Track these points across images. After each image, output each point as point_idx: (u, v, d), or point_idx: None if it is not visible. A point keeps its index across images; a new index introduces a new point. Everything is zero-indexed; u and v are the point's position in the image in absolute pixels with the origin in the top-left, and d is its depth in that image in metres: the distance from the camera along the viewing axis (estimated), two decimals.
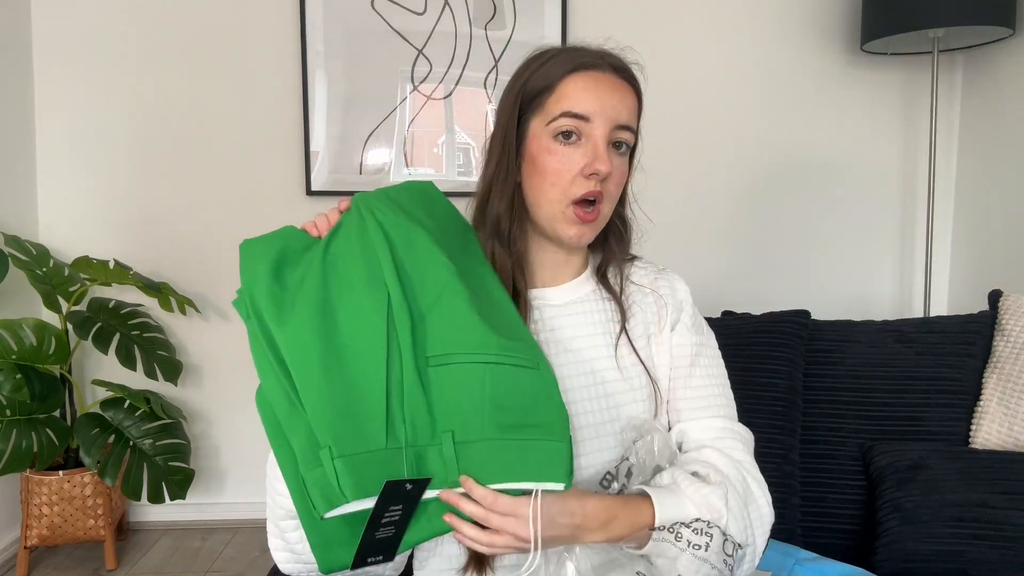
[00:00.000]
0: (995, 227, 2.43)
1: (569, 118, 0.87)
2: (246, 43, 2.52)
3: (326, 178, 2.55)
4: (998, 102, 2.42)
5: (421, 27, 2.51)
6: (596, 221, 0.91)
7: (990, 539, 1.28)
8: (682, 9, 2.57)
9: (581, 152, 0.88)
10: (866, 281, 2.69)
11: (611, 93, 0.88)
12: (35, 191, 2.52)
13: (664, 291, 0.99)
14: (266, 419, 0.76)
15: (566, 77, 0.88)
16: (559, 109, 0.88)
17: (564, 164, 0.88)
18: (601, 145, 0.87)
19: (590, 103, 0.87)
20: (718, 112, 2.60)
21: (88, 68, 2.50)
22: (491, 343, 0.76)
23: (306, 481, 0.71)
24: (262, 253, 0.81)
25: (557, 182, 0.89)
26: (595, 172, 0.87)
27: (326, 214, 0.87)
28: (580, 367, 0.93)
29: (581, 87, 0.88)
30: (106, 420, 2.25)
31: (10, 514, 2.38)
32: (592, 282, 0.99)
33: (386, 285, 0.78)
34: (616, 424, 0.92)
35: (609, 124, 0.88)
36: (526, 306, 0.93)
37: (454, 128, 2.58)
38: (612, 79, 0.89)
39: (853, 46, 2.57)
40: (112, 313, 2.37)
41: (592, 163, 0.87)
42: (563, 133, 0.88)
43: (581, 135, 0.88)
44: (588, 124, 0.87)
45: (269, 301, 0.77)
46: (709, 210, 2.62)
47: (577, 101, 0.87)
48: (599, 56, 0.90)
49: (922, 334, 1.54)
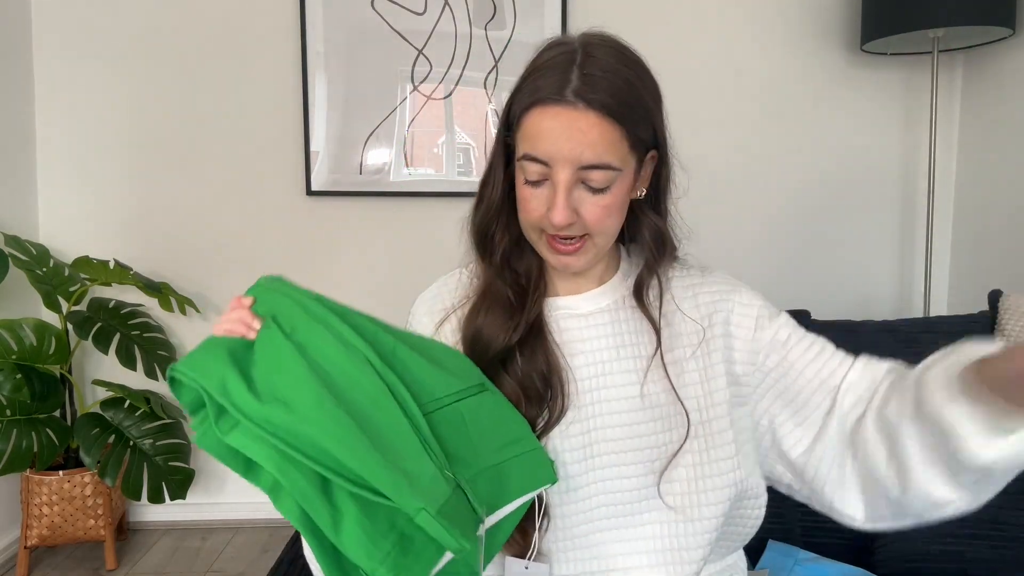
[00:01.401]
0: (995, 227, 2.43)
1: (530, 161, 0.82)
2: (246, 43, 2.52)
3: (326, 178, 2.55)
4: (998, 102, 2.42)
5: (421, 27, 2.51)
6: (583, 249, 0.85)
7: (990, 539, 1.28)
8: (681, 9, 2.57)
9: (546, 195, 0.82)
10: (866, 281, 2.69)
11: (570, 132, 0.79)
12: (35, 191, 2.52)
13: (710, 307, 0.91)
14: (302, 520, 0.71)
15: (526, 113, 0.82)
16: (522, 150, 0.83)
17: (532, 204, 0.84)
18: (560, 194, 0.80)
19: (547, 146, 0.80)
20: (717, 112, 2.60)
21: (88, 68, 2.50)
22: (452, 381, 0.78)
23: (422, 554, 0.69)
24: (210, 365, 0.72)
25: (527, 216, 0.85)
26: (553, 223, 0.81)
27: (236, 315, 0.78)
28: (601, 392, 0.88)
29: (540, 127, 0.80)
30: (106, 420, 2.25)
31: (10, 514, 2.38)
32: (621, 289, 0.93)
33: (360, 351, 0.76)
34: (636, 454, 0.86)
35: (571, 167, 0.80)
36: (542, 316, 0.89)
37: (454, 128, 2.58)
38: (573, 113, 0.79)
39: (853, 46, 2.57)
40: (112, 313, 2.37)
41: (547, 213, 0.82)
42: (530, 181, 0.83)
43: (547, 177, 0.82)
44: (549, 168, 0.81)
45: (261, 403, 0.69)
46: (707, 210, 2.61)
47: (535, 144, 0.81)
48: (563, 78, 0.80)
49: (922, 334, 1.54)
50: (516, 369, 0.87)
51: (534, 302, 0.89)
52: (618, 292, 0.92)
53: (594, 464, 0.86)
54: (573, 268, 0.87)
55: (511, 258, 0.91)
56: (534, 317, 0.89)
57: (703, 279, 0.94)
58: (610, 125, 0.80)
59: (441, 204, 2.57)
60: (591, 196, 0.82)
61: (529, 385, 0.86)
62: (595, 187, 0.81)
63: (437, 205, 2.58)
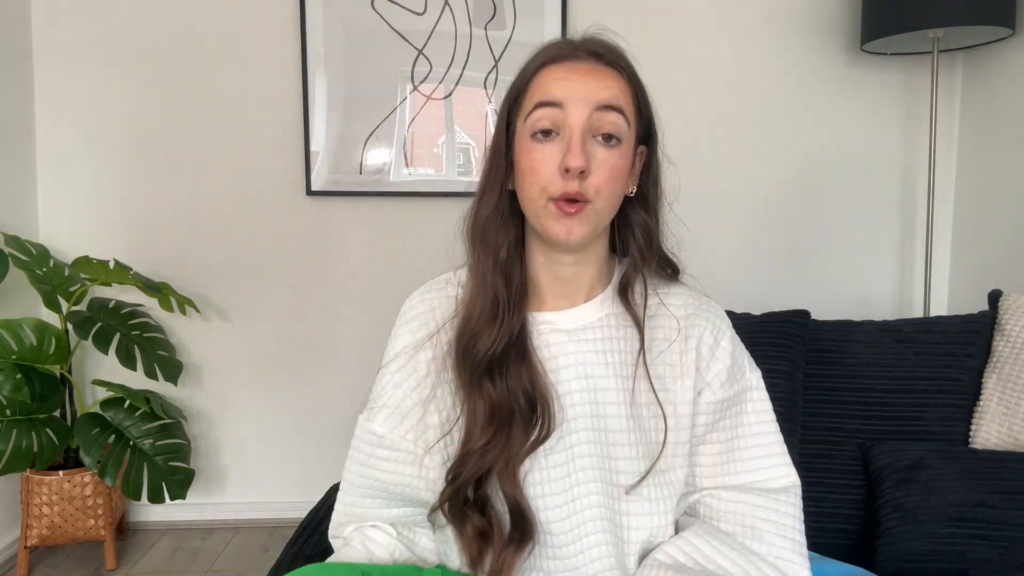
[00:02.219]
0: (995, 227, 2.43)
1: (542, 108, 0.81)
2: (246, 43, 2.52)
3: (326, 178, 2.55)
4: (998, 102, 2.42)
5: (421, 27, 2.51)
6: (584, 214, 0.82)
7: (990, 539, 1.28)
8: (681, 10, 2.57)
9: (557, 147, 0.81)
10: (866, 281, 2.69)
11: (587, 77, 0.81)
12: (35, 191, 2.52)
13: (697, 335, 0.90)
14: None
15: (540, 71, 0.83)
16: (532, 102, 0.82)
17: (539, 162, 0.82)
18: (576, 135, 0.80)
19: (562, 89, 0.81)
20: (717, 112, 2.60)
21: (88, 68, 2.50)
22: None
23: None
24: None
25: (535, 180, 0.82)
26: (568, 168, 0.79)
27: None
28: (586, 408, 0.87)
29: (554, 77, 0.82)
30: (106, 420, 2.25)
31: (10, 514, 2.38)
32: (612, 303, 0.91)
33: None
34: (624, 463, 0.87)
35: (587, 108, 0.80)
36: (527, 333, 0.88)
37: (454, 128, 2.58)
38: (588, 65, 0.82)
39: (853, 46, 2.57)
40: (112, 313, 2.37)
41: (564, 158, 0.79)
42: (541, 131, 0.81)
43: (558, 128, 0.81)
44: (563, 111, 0.80)
45: None
46: (707, 210, 2.62)
47: (549, 89, 0.81)
48: (575, 45, 0.84)
49: (922, 334, 1.54)
50: (501, 384, 0.85)
51: (515, 314, 0.87)
52: (607, 307, 0.91)
53: (577, 479, 0.86)
54: (574, 236, 0.83)
55: (507, 262, 0.89)
56: (517, 328, 0.87)
57: (698, 302, 0.93)
58: (624, 81, 0.83)
59: (441, 204, 2.57)
60: (603, 150, 0.81)
61: (513, 403, 0.85)
62: (610, 132, 0.81)
63: (437, 205, 2.58)
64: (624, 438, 0.87)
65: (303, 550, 1.15)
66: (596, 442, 0.87)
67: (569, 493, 0.86)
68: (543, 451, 0.86)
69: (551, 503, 0.86)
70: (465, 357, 0.86)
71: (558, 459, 0.87)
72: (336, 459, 3.01)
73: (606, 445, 0.87)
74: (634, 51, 0.93)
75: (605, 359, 0.88)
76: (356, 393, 0.99)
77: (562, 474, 0.86)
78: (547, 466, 0.86)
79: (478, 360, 0.85)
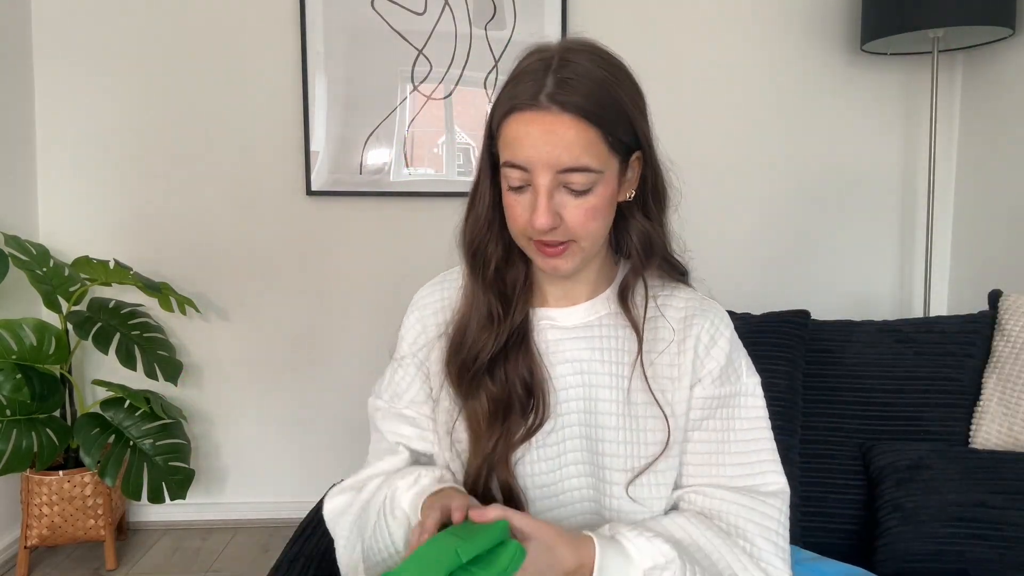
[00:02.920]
0: (995, 227, 2.43)
1: (511, 168, 0.82)
2: (246, 43, 2.52)
3: (326, 178, 2.55)
4: (998, 102, 2.42)
5: (421, 27, 2.51)
6: (569, 252, 0.84)
7: (990, 539, 1.28)
8: (681, 9, 2.57)
9: (529, 201, 0.82)
10: (866, 281, 2.69)
11: (547, 136, 0.78)
12: (35, 191, 2.52)
13: (695, 335, 0.90)
14: None
15: (505, 121, 0.82)
16: (504, 157, 0.83)
17: (516, 211, 0.83)
18: (542, 197, 0.80)
19: (526, 152, 0.80)
20: (717, 112, 2.60)
21: (88, 68, 2.50)
22: None
23: None
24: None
25: (515, 223, 0.85)
26: (534, 227, 0.81)
27: None
28: (580, 403, 0.89)
29: (517, 133, 0.80)
30: (106, 420, 2.25)
31: (10, 514, 2.38)
32: (612, 303, 0.92)
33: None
34: (614, 460, 0.87)
35: (550, 171, 0.80)
36: (529, 326, 0.89)
37: (454, 128, 2.58)
38: (548, 117, 0.78)
39: (853, 46, 2.57)
40: (112, 313, 2.37)
41: (530, 218, 0.81)
42: (513, 187, 0.83)
43: (528, 183, 0.82)
44: (530, 174, 0.81)
45: None
46: (707, 210, 2.61)
47: (515, 151, 0.81)
48: (538, 84, 0.79)
49: (922, 334, 1.54)
50: (500, 376, 0.87)
51: (518, 310, 0.89)
52: (607, 307, 0.92)
53: (567, 473, 0.88)
54: (561, 271, 0.85)
55: (502, 270, 0.90)
56: (518, 323, 0.89)
57: (700, 313, 0.92)
58: (586, 127, 0.79)
59: (441, 204, 2.57)
60: (573, 199, 0.81)
61: (512, 393, 0.87)
62: (576, 190, 0.81)
63: (437, 205, 2.58)
64: (615, 436, 0.88)
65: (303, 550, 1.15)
66: (587, 437, 0.89)
67: (558, 486, 0.88)
68: (536, 442, 0.88)
69: (539, 494, 0.88)
70: (462, 368, 0.89)
71: (549, 452, 0.88)
72: (336, 459, 3.01)
73: (597, 441, 0.88)
74: (631, 51, 0.92)
75: (602, 357, 0.89)
76: (356, 393, 1.01)
77: (552, 467, 0.88)
78: (538, 459, 0.88)
79: (475, 367, 0.88)
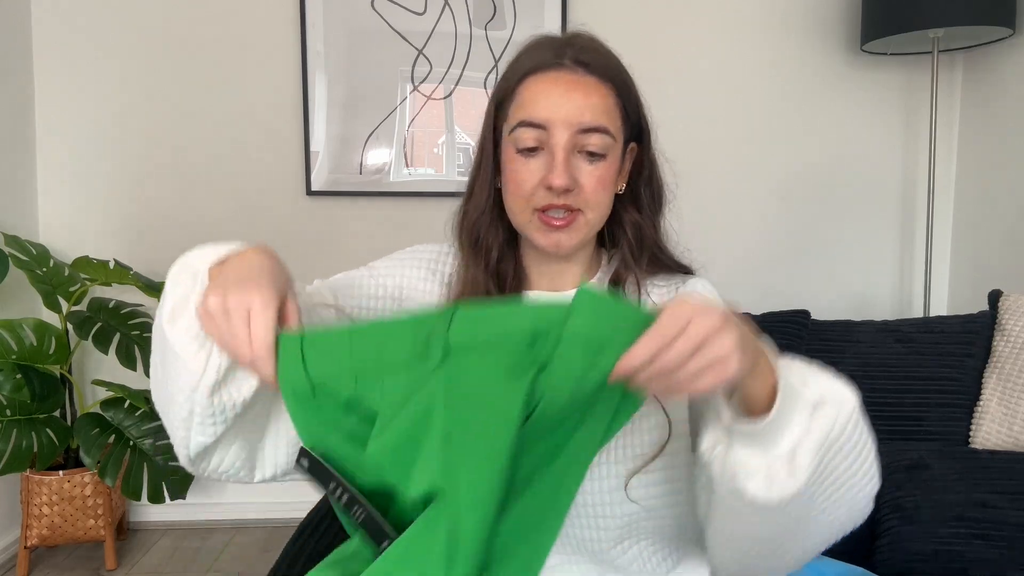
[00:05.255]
0: (995, 227, 2.43)
1: (526, 127, 0.81)
2: (246, 43, 2.52)
3: (326, 178, 2.55)
4: (998, 102, 2.42)
5: (421, 27, 2.51)
6: (576, 225, 0.83)
7: (990, 539, 1.28)
8: (682, 9, 2.57)
9: (542, 162, 0.81)
10: (866, 281, 2.69)
11: (571, 94, 0.79)
12: (35, 191, 2.52)
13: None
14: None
15: (523, 81, 0.82)
16: (517, 118, 0.82)
17: (524, 175, 0.82)
18: (560, 155, 0.80)
19: (546, 109, 0.80)
20: (716, 112, 2.60)
21: (88, 68, 2.50)
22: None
23: None
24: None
25: (519, 193, 0.83)
26: (551, 187, 0.80)
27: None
28: None
29: (537, 92, 0.80)
30: (106, 420, 2.25)
31: (10, 514, 2.38)
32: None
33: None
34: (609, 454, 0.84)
35: (569, 129, 0.79)
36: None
37: (454, 128, 2.58)
38: (572, 77, 0.80)
39: (853, 46, 2.57)
40: (112, 313, 2.37)
41: (547, 176, 0.80)
42: (526, 148, 0.81)
43: (542, 145, 0.81)
44: (546, 132, 0.80)
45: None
46: (707, 209, 2.61)
47: (533, 109, 0.80)
48: (559, 51, 0.81)
49: (922, 334, 1.54)
50: None
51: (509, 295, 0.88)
52: None
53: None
54: (563, 247, 0.84)
55: (499, 260, 0.90)
56: None
57: (684, 284, 0.92)
58: (607, 91, 0.81)
59: (441, 204, 2.56)
60: (588, 165, 0.82)
61: None
62: (594, 151, 0.81)
63: (437, 205, 2.58)
64: None
65: (303, 550, 1.15)
66: None
67: None
68: None
69: None
70: None
71: None
72: None
73: None
74: (632, 51, 0.92)
75: None
76: None
77: None
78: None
79: None
